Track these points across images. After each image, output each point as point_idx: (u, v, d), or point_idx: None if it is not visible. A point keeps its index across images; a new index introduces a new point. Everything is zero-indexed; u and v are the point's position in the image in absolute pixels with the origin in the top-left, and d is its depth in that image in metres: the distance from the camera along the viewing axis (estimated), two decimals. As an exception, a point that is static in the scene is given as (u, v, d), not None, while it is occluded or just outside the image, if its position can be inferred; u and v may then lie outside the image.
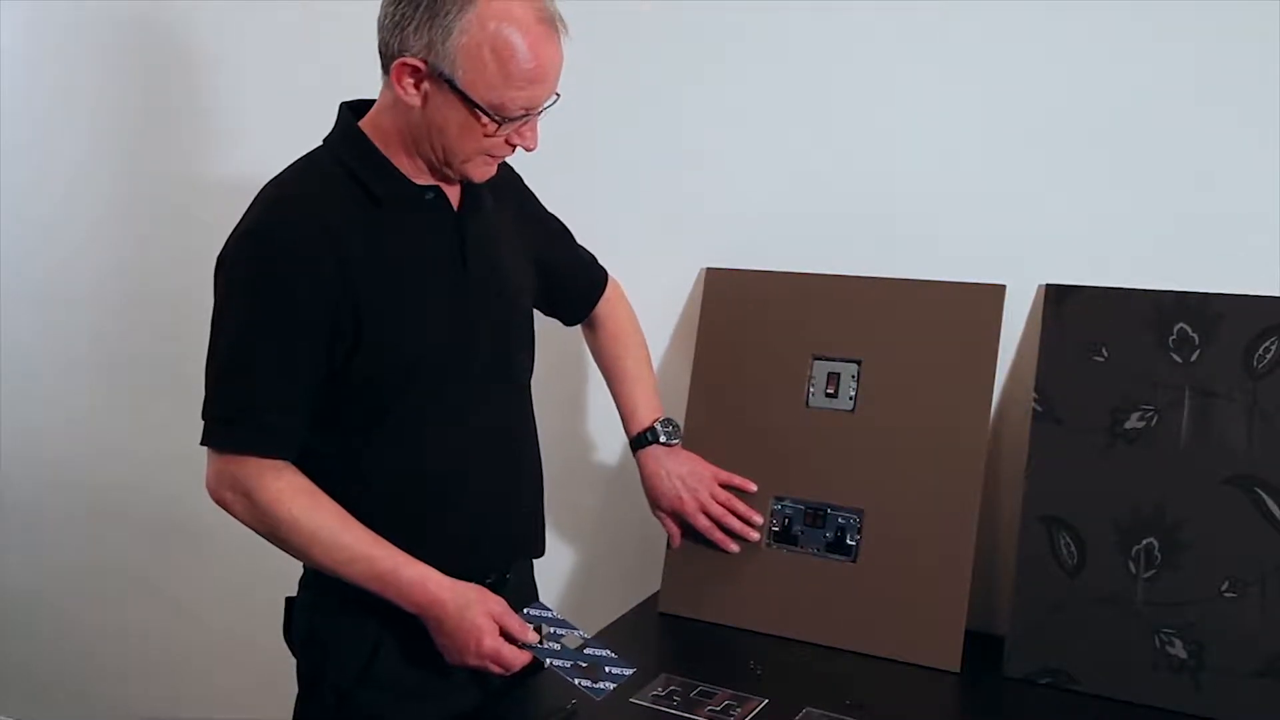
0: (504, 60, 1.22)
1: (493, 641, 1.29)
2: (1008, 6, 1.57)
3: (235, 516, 1.32)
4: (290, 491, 1.29)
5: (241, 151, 2.20)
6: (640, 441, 1.61)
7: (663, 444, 1.60)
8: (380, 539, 1.31)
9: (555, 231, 1.61)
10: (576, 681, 1.30)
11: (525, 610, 1.37)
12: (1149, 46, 1.51)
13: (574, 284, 1.63)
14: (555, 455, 1.57)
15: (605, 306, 1.67)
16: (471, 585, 1.32)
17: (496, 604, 1.32)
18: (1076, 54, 1.54)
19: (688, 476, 1.59)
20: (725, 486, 1.61)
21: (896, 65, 1.65)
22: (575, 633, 1.36)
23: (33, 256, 2.48)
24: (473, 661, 1.30)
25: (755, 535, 1.59)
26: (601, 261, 1.70)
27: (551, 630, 1.35)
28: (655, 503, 1.62)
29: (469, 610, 1.29)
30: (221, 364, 1.30)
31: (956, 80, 1.62)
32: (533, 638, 1.32)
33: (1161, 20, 1.49)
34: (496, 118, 1.25)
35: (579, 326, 1.70)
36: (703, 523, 1.59)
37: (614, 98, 1.82)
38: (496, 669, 1.30)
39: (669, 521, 1.63)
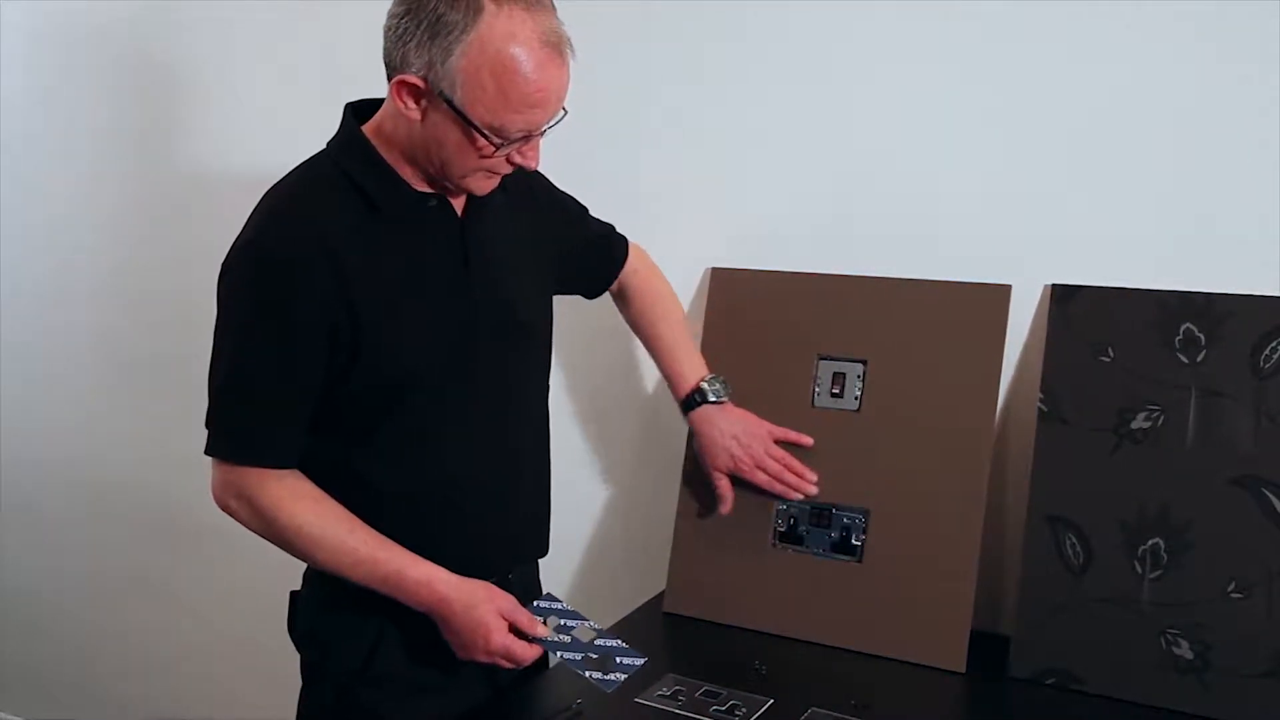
0: (503, 84, 1.19)
1: (501, 638, 1.29)
2: (1013, 6, 1.57)
3: (241, 523, 1.33)
4: (292, 497, 1.30)
5: (245, 153, 2.19)
6: (690, 404, 1.59)
7: (712, 402, 1.58)
8: (386, 540, 1.31)
9: (572, 213, 1.59)
10: (587, 674, 1.30)
11: (534, 603, 1.37)
12: (1155, 46, 1.51)
13: (589, 259, 1.61)
14: (562, 455, 1.57)
15: (633, 278, 1.65)
16: (478, 583, 1.32)
17: (504, 600, 1.32)
18: (1082, 53, 1.54)
19: (741, 435, 1.58)
20: (780, 443, 1.60)
21: (902, 65, 1.65)
22: (586, 624, 1.36)
23: (37, 257, 2.48)
24: (482, 658, 1.30)
25: (813, 490, 1.57)
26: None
27: (561, 623, 1.35)
28: (710, 463, 1.59)
29: (476, 609, 1.30)
30: (222, 375, 1.30)
31: (962, 80, 1.62)
32: (542, 631, 1.32)
33: (1168, 20, 1.49)
34: (495, 140, 1.23)
35: (613, 305, 1.69)
36: (761, 479, 1.58)
37: (616, 98, 1.82)
38: (507, 664, 1.31)
39: (723, 482, 1.59)
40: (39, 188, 2.44)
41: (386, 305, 1.29)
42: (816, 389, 1.65)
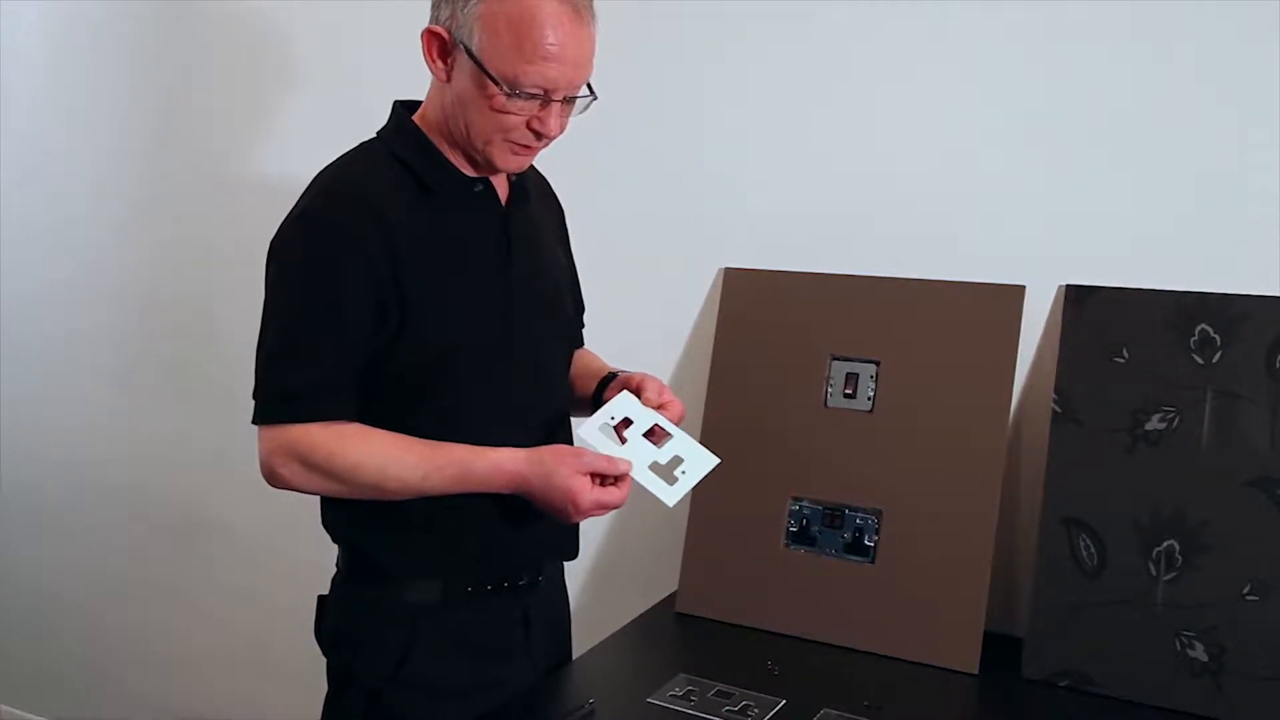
0: (519, 32, 1.22)
1: (590, 496, 1.30)
2: (1029, 6, 1.56)
3: (295, 488, 1.31)
4: (339, 439, 1.29)
5: (258, 157, 2.20)
6: (612, 374, 1.51)
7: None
8: (439, 444, 1.31)
9: (574, 275, 1.59)
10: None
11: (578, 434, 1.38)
12: (1167, 46, 1.50)
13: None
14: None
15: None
16: (544, 449, 1.33)
17: (576, 457, 1.32)
18: (1099, 54, 1.54)
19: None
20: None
21: (917, 65, 1.65)
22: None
23: (48, 259, 2.49)
24: (582, 519, 1.33)
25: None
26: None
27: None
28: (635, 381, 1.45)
29: (554, 478, 1.30)
30: (272, 339, 1.31)
31: (976, 80, 1.61)
32: (625, 468, 1.33)
33: (1183, 20, 1.49)
34: (506, 89, 1.24)
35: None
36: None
37: (631, 97, 1.82)
38: (605, 513, 1.33)
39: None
40: (60, 190, 2.46)
41: (432, 280, 1.31)
42: (829, 389, 1.65)
